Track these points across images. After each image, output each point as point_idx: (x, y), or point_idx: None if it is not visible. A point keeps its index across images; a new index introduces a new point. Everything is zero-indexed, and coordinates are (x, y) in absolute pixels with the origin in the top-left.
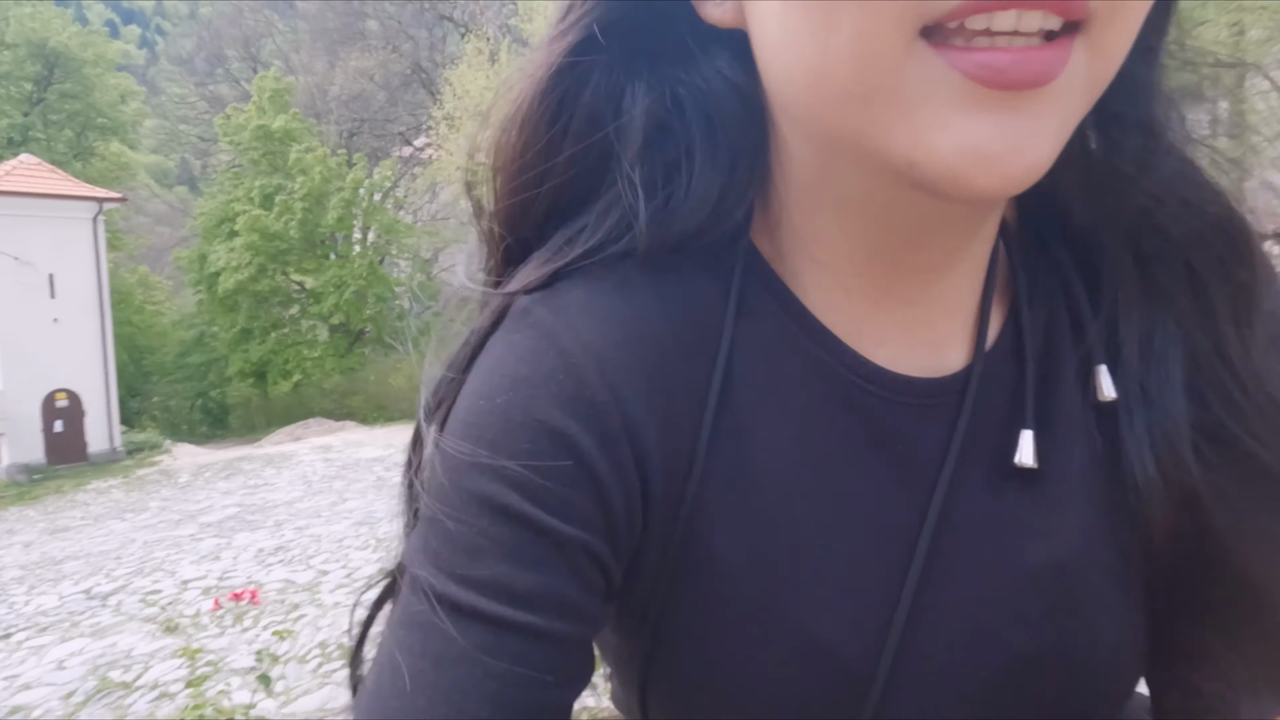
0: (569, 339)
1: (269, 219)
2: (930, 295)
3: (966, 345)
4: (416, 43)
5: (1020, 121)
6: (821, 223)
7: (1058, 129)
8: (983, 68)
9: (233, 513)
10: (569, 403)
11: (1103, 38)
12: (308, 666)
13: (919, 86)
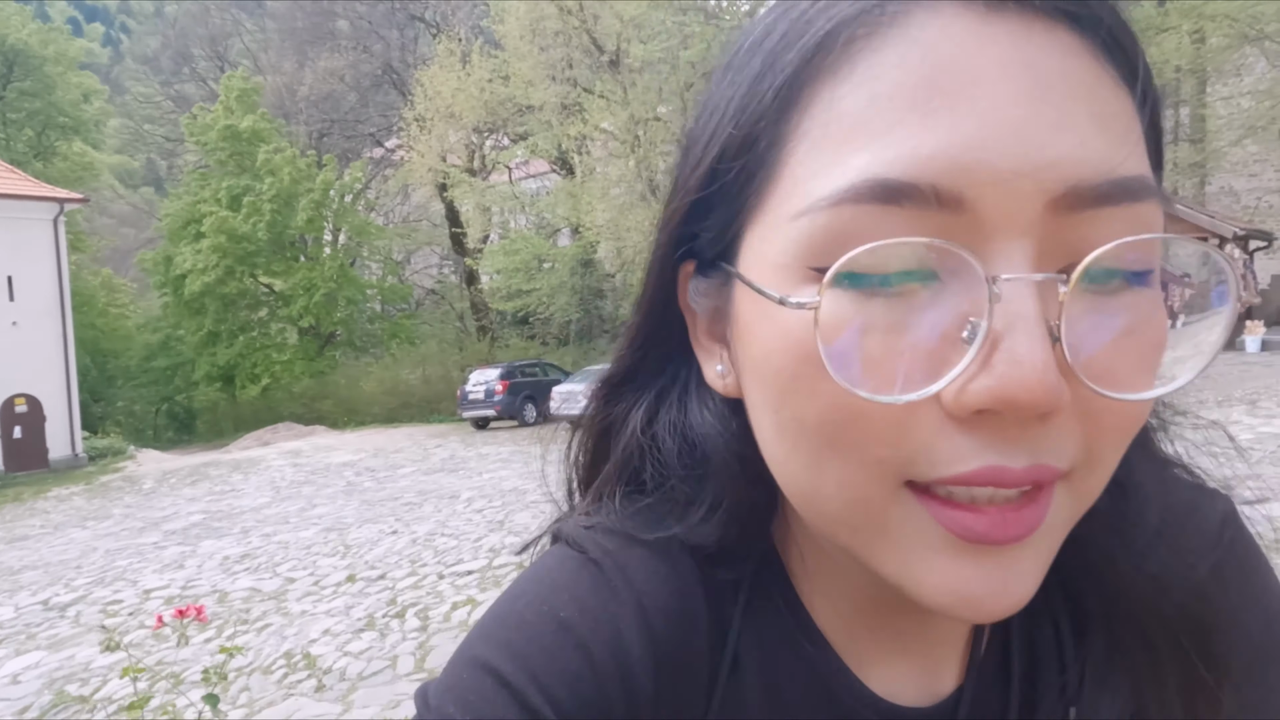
0: (622, 585)
1: (237, 220)
2: (924, 629)
3: (959, 666)
4: (387, 43)
5: (1002, 569)
6: (826, 564)
7: (1040, 565)
8: (964, 530)
9: (198, 520)
10: (604, 628)
11: (1083, 484)
12: (272, 677)
13: (905, 529)
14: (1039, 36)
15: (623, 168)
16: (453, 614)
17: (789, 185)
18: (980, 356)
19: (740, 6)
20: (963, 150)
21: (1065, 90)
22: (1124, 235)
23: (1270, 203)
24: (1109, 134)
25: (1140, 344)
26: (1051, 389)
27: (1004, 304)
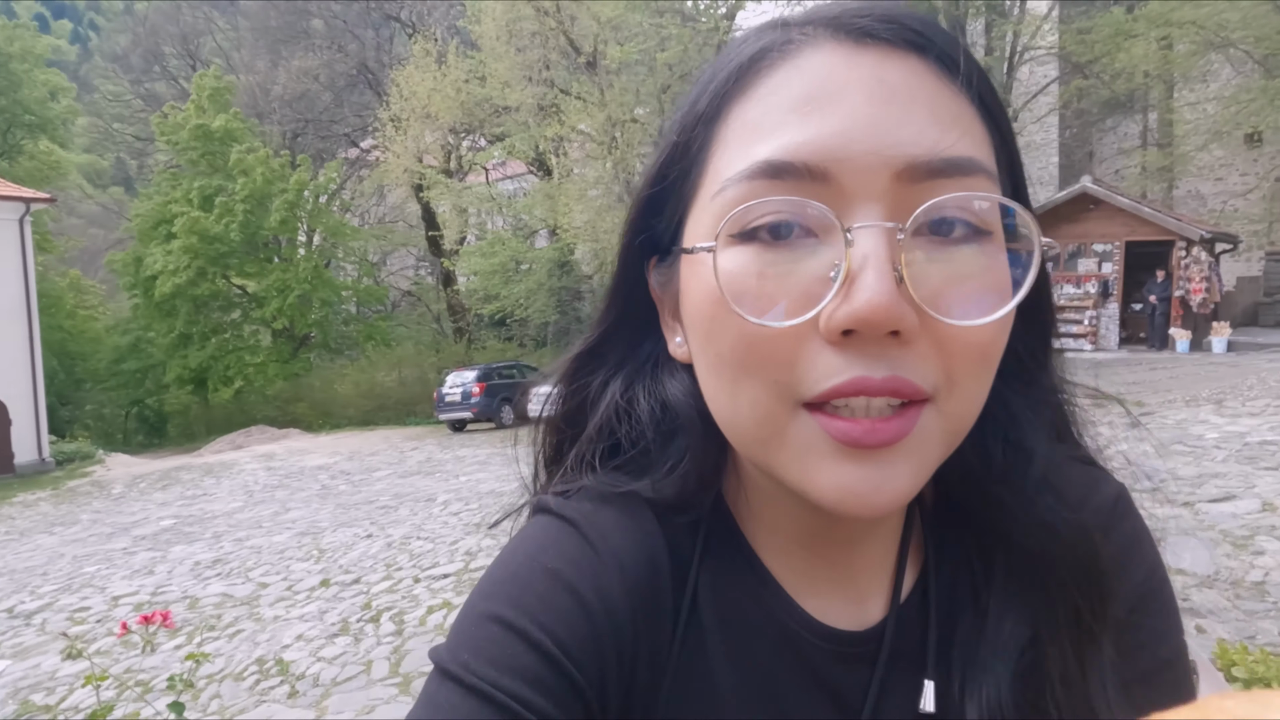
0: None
1: (209, 221)
2: (851, 558)
3: (885, 599)
4: (362, 43)
5: (878, 469)
6: (767, 503)
7: (914, 470)
8: (843, 434)
9: (169, 525)
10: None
11: (947, 405)
12: (243, 684)
13: (801, 441)
14: (892, 61)
15: (600, 169)
16: (428, 618)
17: (712, 176)
18: (842, 291)
19: (718, 9)
20: (828, 139)
21: (909, 97)
22: (954, 205)
23: (1235, 206)
24: (942, 127)
25: (978, 285)
26: (893, 309)
27: (857, 248)
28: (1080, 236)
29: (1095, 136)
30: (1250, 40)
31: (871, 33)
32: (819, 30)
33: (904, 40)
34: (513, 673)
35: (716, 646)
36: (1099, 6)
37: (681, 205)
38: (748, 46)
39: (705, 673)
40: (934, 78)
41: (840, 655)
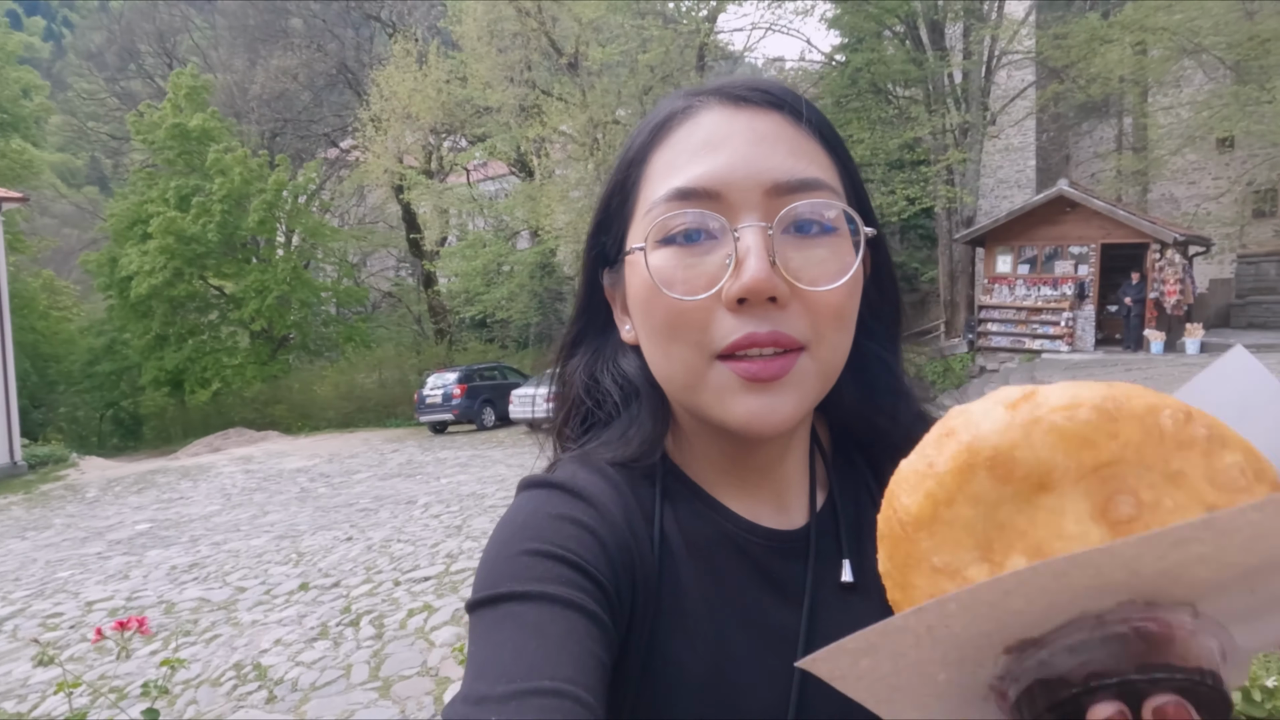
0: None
1: (185, 221)
2: (772, 480)
3: (804, 510)
4: (342, 42)
5: (771, 398)
6: (700, 445)
7: (797, 400)
8: (745, 371)
9: (144, 528)
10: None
11: (817, 352)
12: (221, 689)
13: (717, 384)
14: (760, 116)
15: (582, 170)
16: (409, 621)
17: (643, 201)
18: (734, 273)
19: (699, 11)
20: (719, 170)
21: (773, 140)
22: (807, 210)
23: (1208, 209)
24: (796, 159)
25: (829, 264)
26: (770, 281)
27: (742, 242)
28: (1057, 239)
29: (1071, 140)
30: (1222, 46)
31: (746, 98)
32: (710, 98)
33: (767, 102)
34: (554, 580)
35: (686, 564)
36: (1075, 11)
37: (622, 225)
38: (662, 110)
39: (683, 588)
40: (790, 126)
41: (778, 550)
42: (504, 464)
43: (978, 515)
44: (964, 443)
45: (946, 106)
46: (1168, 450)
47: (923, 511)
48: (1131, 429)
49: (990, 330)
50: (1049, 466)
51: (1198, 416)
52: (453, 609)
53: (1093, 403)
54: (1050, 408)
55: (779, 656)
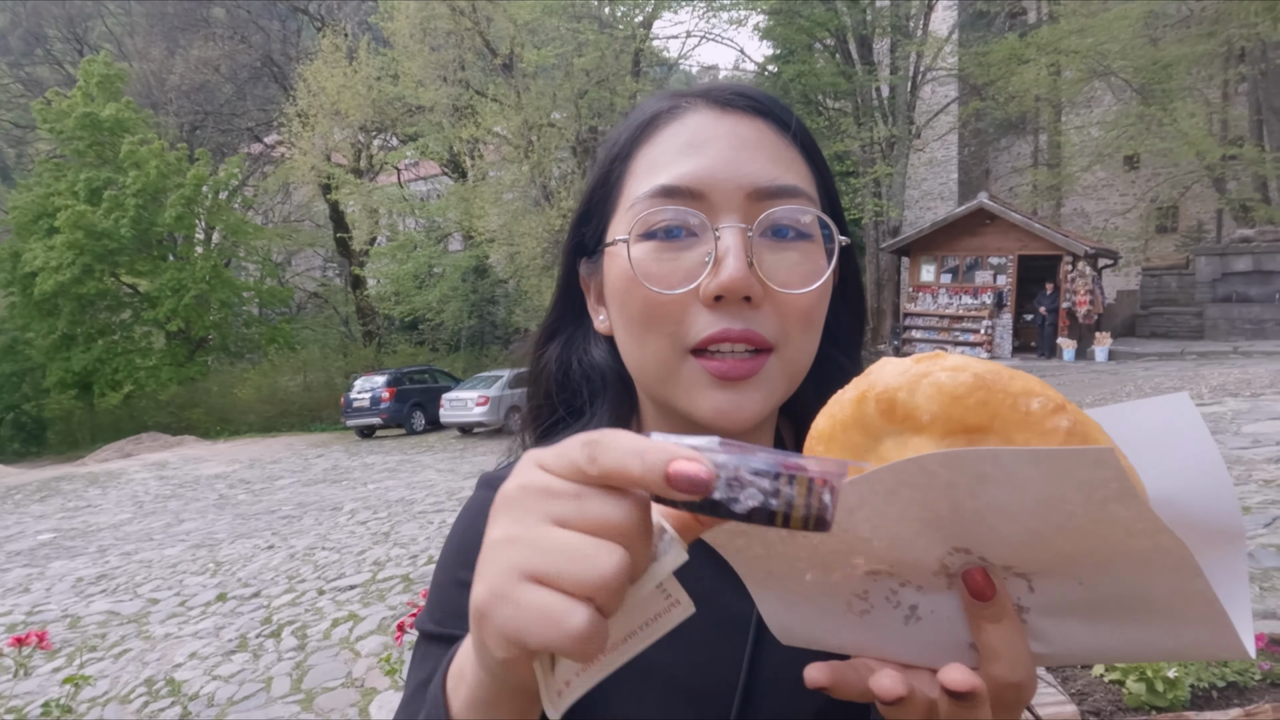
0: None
1: (96, 215)
2: None
3: None
4: (268, 34)
5: (740, 395)
6: (662, 425)
7: (764, 398)
8: (715, 369)
9: (47, 538)
10: None
11: (785, 353)
12: (130, 707)
13: (688, 378)
14: (745, 122)
15: (516, 172)
16: (333, 631)
17: (626, 196)
18: (713, 270)
19: (635, 17)
20: (703, 171)
21: (755, 145)
22: (785, 216)
23: (1116, 224)
24: (777, 165)
25: (802, 268)
26: (746, 281)
27: (722, 242)
28: (977, 250)
29: (991, 155)
30: (1129, 70)
31: (731, 103)
32: (697, 100)
33: (752, 108)
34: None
35: None
36: (995, 31)
37: (603, 217)
38: (649, 108)
39: None
40: (772, 133)
41: None
42: (434, 469)
43: (864, 443)
44: (869, 380)
45: (874, 119)
46: (1030, 433)
47: (825, 428)
48: (1000, 403)
49: (914, 337)
50: (923, 413)
51: (1070, 412)
52: (379, 618)
53: (975, 371)
54: (941, 366)
55: (730, 643)
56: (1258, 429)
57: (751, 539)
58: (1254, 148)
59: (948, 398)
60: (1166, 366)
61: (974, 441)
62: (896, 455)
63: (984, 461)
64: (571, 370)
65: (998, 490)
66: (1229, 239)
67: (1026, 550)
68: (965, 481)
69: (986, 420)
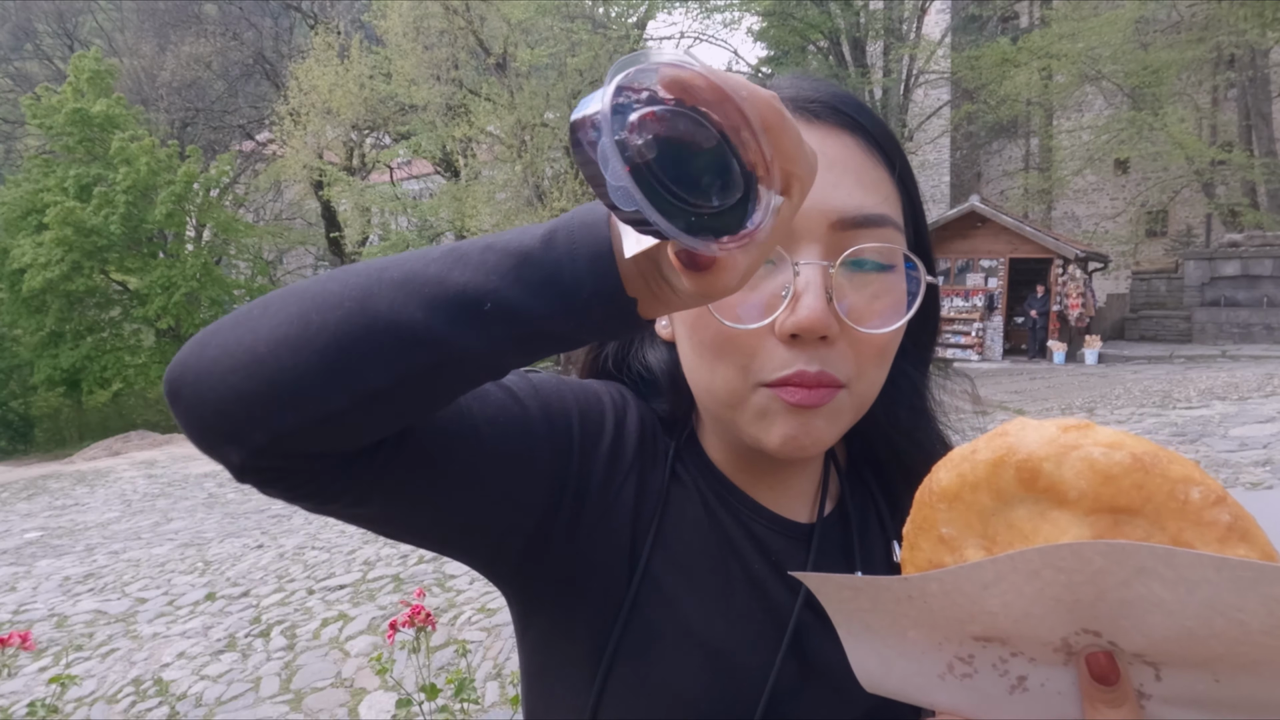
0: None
1: (86, 212)
2: (786, 481)
3: (809, 511)
4: (260, 31)
5: (808, 423)
6: (721, 437)
7: (831, 427)
8: (789, 396)
9: (34, 537)
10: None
11: (856, 388)
12: (117, 707)
13: (758, 406)
14: (831, 137)
15: (509, 172)
16: (323, 631)
17: None
18: (790, 305)
19: (629, 18)
20: None
21: (842, 167)
22: (870, 254)
23: (1106, 228)
24: (865, 190)
25: (883, 305)
26: (825, 321)
27: (801, 277)
28: (969, 252)
29: (983, 158)
30: (1120, 74)
31: (820, 115)
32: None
33: (841, 122)
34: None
35: (692, 513)
36: (988, 35)
37: None
38: None
39: (683, 534)
40: (861, 152)
41: (783, 536)
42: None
43: (994, 507)
44: (1008, 444)
45: None
46: (1185, 521)
47: (950, 486)
48: (1158, 487)
49: None
50: (1069, 488)
51: (1229, 504)
52: (369, 618)
53: (1134, 451)
54: (1094, 441)
55: (775, 626)
56: (1244, 432)
57: (860, 594)
58: (1243, 153)
59: (1100, 476)
60: (1155, 370)
61: (1120, 523)
62: (1030, 525)
63: (1153, 558)
64: (629, 370)
65: (1159, 586)
66: (1217, 243)
67: (1170, 645)
68: (1121, 572)
69: (1138, 503)
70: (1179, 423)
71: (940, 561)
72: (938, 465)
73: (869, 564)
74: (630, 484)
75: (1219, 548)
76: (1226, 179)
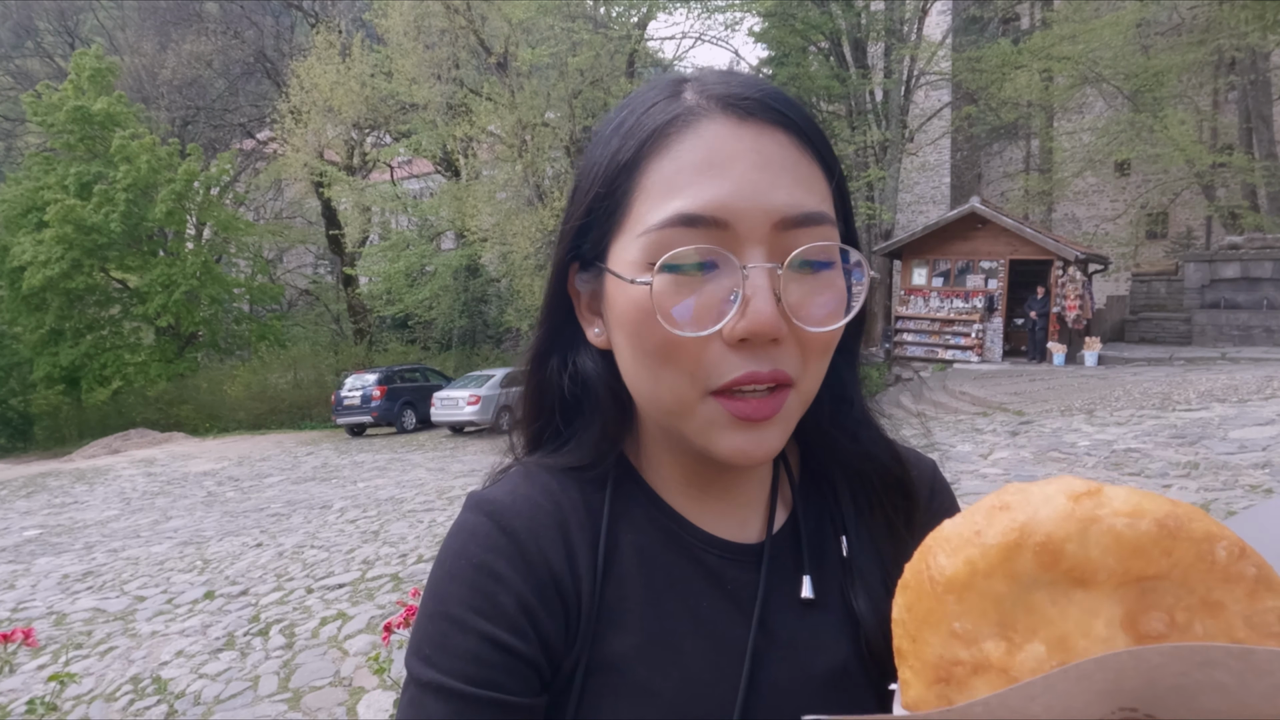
0: (517, 521)
1: (86, 210)
2: (732, 495)
3: (760, 526)
4: (261, 30)
5: (759, 434)
6: (663, 455)
7: (781, 433)
8: (739, 411)
9: (33, 535)
10: (506, 559)
11: (802, 385)
12: (116, 705)
13: (707, 417)
14: (766, 134)
15: (510, 171)
16: (321, 629)
17: (635, 217)
18: (739, 310)
19: (630, 18)
20: (725, 198)
21: (779, 165)
22: (815, 253)
23: (1106, 230)
24: (804, 189)
25: (827, 301)
26: (775, 324)
27: (750, 281)
28: (969, 254)
29: (983, 160)
30: (1120, 77)
31: (752, 111)
32: (712, 104)
33: (774, 119)
34: (470, 662)
35: (635, 570)
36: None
37: (607, 233)
38: (657, 113)
39: (628, 591)
40: (796, 149)
41: (733, 562)
42: (424, 468)
43: (1011, 594)
44: (1019, 522)
45: (868, 123)
46: (1214, 580)
47: (958, 576)
48: (1185, 550)
49: (905, 340)
50: (1096, 566)
51: (1250, 555)
52: (368, 617)
53: (1156, 516)
54: (1113, 510)
55: (731, 664)
56: (1244, 434)
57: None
58: (1243, 155)
59: (1129, 550)
60: (1155, 372)
61: (1147, 591)
62: (1056, 609)
63: (1225, 655)
64: (563, 383)
65: (1222, 674)
66: (1217, 246)
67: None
68: (1183, 666)
69: (1166, 569)
70: (1178, 425)
71: (955, 657)
72: (931, 545)
73: (819, 576)
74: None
75: (1249, 602)
76: (1227, 181)
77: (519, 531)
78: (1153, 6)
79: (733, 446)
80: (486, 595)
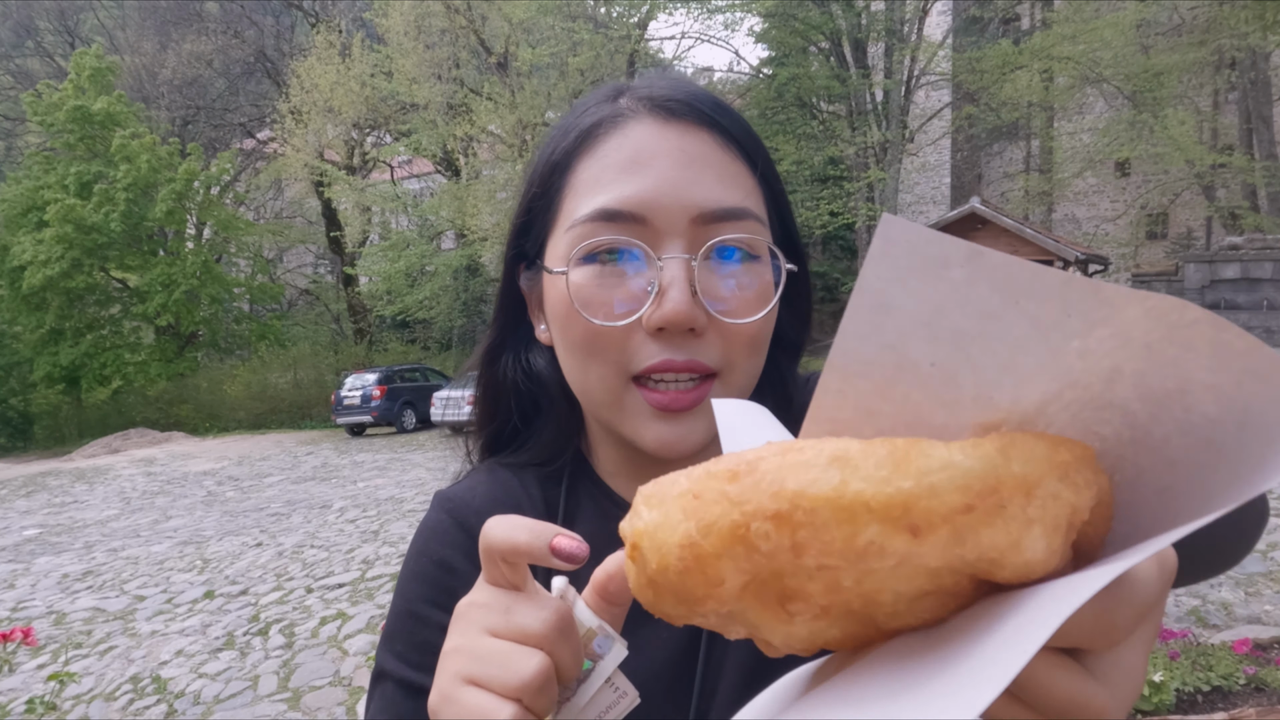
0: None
1: (86, 210)
2: None
3: None
4: (261, 29)
5: (683, 426)
6: (610, 449)
7: (707, 427)
8: (657, 402)
9: (33, 534)
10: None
11: (729, 379)
12: (115, 704)
13: (630, 407)
14: (691, 134)
15: (510, 171)
16: (321, 629)
17: (565, 212)
18: (656, 300)
19: (630, 18)
20: (645, 193)
21: (702, 163)
22: (732, 243)
23: (1106, 230)
24: (725, 185)
25: (749, 294)
26: (690, 314)
27: (665, 272)
28: None
29: (983, 160)
30: (1120, 77)
31: (678, 113)
32: (640, 106)
33: (698, 119)
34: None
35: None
36: (989, 37)
37: (543, 229)
38: (589, 115)
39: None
40: (720, 148)
41: None
42: (424, 467)
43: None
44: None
45: (868, 124)
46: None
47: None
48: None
49: None
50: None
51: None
52: (368, 616)
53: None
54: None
55: (685, 656)
56: None
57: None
58: (1243, 156)
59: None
60: None
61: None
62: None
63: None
64: (518, 381)
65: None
66: (1218, 246)
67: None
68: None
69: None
70: None
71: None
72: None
73: None
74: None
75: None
76: (1227, 182)
77: (476, 527)
78: (1153, 6)
79: (656, 437)
80: (446, 589)
